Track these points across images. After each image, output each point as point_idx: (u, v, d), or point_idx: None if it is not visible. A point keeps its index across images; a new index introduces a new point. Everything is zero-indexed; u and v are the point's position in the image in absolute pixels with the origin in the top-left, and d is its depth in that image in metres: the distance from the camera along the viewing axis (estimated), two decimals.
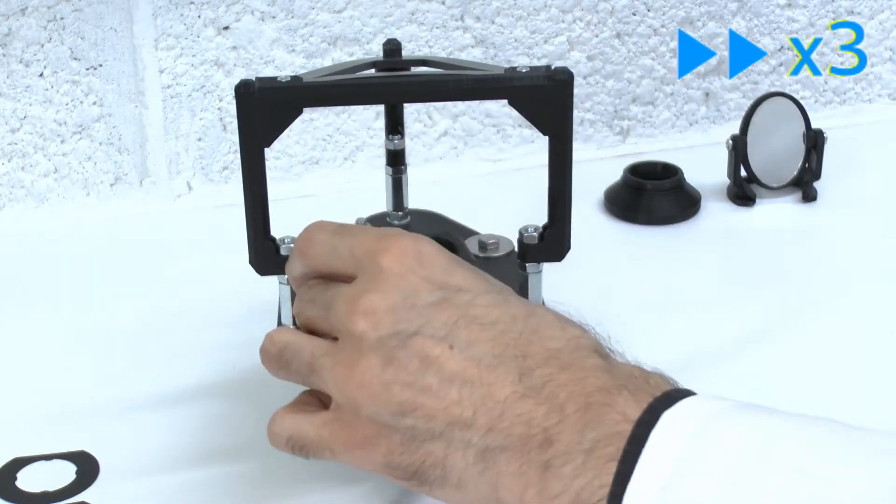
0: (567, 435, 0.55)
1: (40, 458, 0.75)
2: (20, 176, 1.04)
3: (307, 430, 0.63)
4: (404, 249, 0.61)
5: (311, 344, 0.63)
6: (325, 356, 0.62)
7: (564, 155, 0.69)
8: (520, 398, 0.57)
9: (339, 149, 1.09)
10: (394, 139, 0.84)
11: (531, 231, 0.71)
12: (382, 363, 0.59)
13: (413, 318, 0.59)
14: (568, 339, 0.59)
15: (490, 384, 0.58)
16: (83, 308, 0.92)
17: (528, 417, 0.56)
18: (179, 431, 0.78)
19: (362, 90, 0.70)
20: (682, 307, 0.90)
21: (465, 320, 0.59)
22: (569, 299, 0.73)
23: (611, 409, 0.55)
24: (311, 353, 0.63)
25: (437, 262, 0.61)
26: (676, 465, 0.52)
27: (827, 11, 1.14)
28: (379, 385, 0.59)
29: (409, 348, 0.59)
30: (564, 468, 0.55)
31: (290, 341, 0.64)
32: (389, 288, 0.60)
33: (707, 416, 0.54)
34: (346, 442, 0.61)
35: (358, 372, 0.60)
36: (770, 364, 0.84)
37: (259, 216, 0.70)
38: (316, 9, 1.05)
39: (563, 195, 0.70)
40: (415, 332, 0.59)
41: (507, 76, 0.69)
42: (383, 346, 0.59)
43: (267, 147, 0.69)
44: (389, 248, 0.61)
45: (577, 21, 1.10)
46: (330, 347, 0.62)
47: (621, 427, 0.54)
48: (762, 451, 0.52)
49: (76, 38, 1.01)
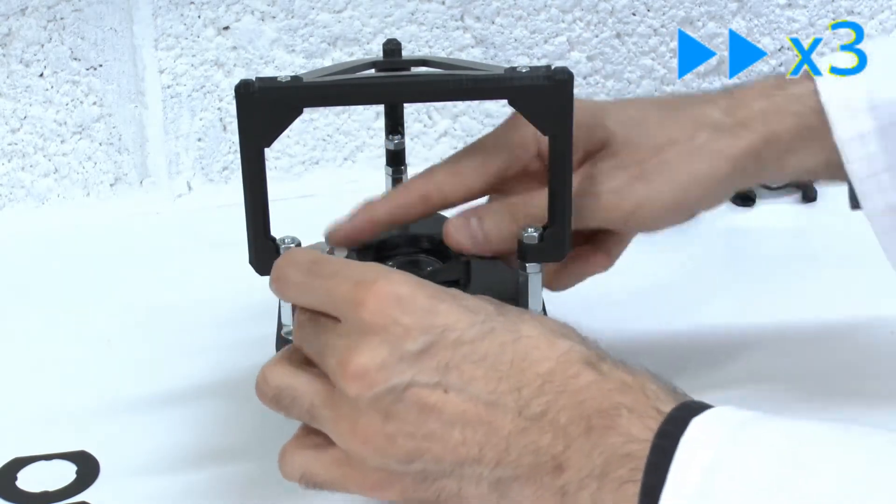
0: (576, 460, 0.56)
1: (40, 458, 0.75)
2: (20, 176, 1.04)
3: (318, 471, 0.63)
4: (383, 298, 0.60)
5: (309, 391, 0.62)
6: (324, 408, 0.61)
7: (565, 155, 0.69)
8: (522, 431, 0.57)
9: (339, 149, 1.09)
10: (394, 139, 0.84)
11: (531, 231, 0.70)
12: (382, 419, 0.59)
13: (404, 370, 0.59)
14: (558, 358, 0.59)
15: (491, 421, 0.58)
16: (83, 308, 0.92)
17: (534, 447, 0.57)
18: (179, 431, 0.78)
19: (362, 90, 0.70)
20: (682, 307, 0.90)
21: (455, 361, 0.59)
22: (568, 300, 0.73)
23: (613, 432, 0.55)
24: (311, 403, 0.62)
25: (417, 305, 0.60)
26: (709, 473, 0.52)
27: (827, 11, 1.14)
28: (382, 439, 0.59)
29: (406, 401, 0.59)
30: (581, 494, 0.56)
31: (286, 386, 0.63)
32: (375, 343, 0.59)
33: (740, 422, 0.54)
34: (359, 484, 0.62)
35: (360, 429, 0.60)
36: (770, 364, 0.84)
37: (259, 216, 0.70)
38: (316, 9, 1.05)
39: (563, 195, 0.70)
40: (408, 385, 0.59)
41: (507, 76, 0.68)
42: (380, 403, 0.59)
43: (267, 147, 0.69)
44: (367, 300, 0.60)
45: (577, 21, 1.10)
46: (328, 398, 0.61)
47: (628, 448, 0.55)
48: (799, 457, 0.52)
49: (76, 38, 1.01)
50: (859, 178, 0.74)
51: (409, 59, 0.80)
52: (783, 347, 0.85)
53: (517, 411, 0.58)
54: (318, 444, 0.63)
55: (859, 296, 0.91)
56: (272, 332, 0.75)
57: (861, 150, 0.74)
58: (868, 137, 0.74)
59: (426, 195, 0.74)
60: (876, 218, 0.75)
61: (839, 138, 0.74)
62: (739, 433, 0.54)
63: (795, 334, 0.87)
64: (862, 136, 0.74)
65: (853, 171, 0.74)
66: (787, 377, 0.82)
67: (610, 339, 0.63)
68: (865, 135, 0.74)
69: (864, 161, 0.74)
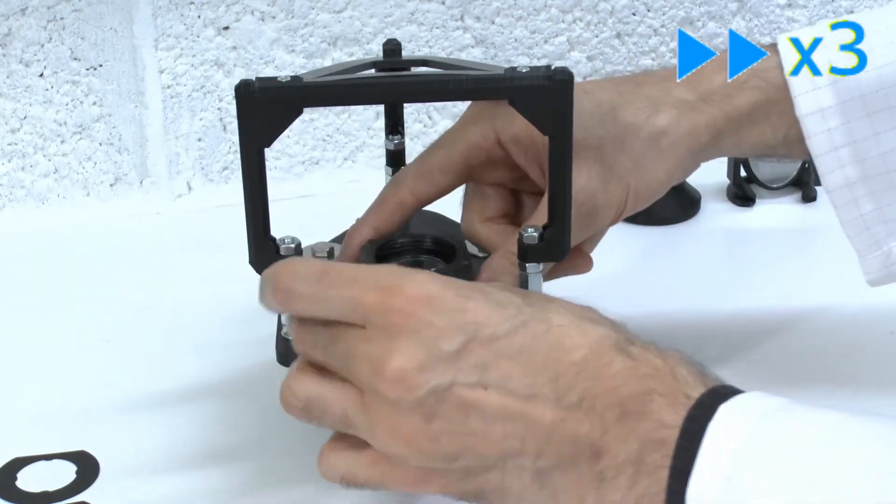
0: (613, 446, 0.57)
1: (40, 458, 0.75)
2: (20, 176, 1.04)
3: (357, 471, 0.63)
4: (413, 300, 0.60)
5: (339, 398, 0.62)
6: (359, 413, 0.61)
7: (564, 155, 0.69)
8: (561, 421, 0.58)
9: (339, 149, 1.09)
10: (394, 139, 0.84)
11: (531, 231, 0.71)
12: (424, 419, 0.59)
13: (444, 371, 0.59)
14: (591, 346, 0.59)
15: (530, 414, 0.58)
16: (83, 308, 0.92)
17: (573, 436, 0.58)
18: (179, 431, 0.78)
19: (363, 90, 0.70)
20: (682, 307, 0.90)
21: (491, 357, 0.59)
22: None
23: (646, 418, 0.56)
24: (343, 410, 0.62)
25: (447, 304, 0.60)
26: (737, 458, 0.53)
27: (827, 11, 1.14)
28: (426, 440, 0.60)
29: (448, 401, 0.59)
30: (619, 479, 0.56)
31: (315, 395, 0.63)
32: (411, 345, 0.59)
33: (767, 410, 0.55)
34: (400, 482, 0.62)
35: (402, 432, 0.60)
36: (770, 364, 0.84)
37: (259, 216, 0.70)
38: (316, 9, 1.05)
39: (563, 195, 0.70)
40: (449, 385, 0.59)
41: (508, 76, 0.69)
42: (422, 405, 0.59)
43: (267, 147, 0.69)
44: (396, 304, 0.60)
45: (577, 21, 1.10)
46: (361, 403, 0.61)
47: (661, 434, 0.55)
48: (827, 446, 0.53)
49: (76, 38, 1.01)
50: (819, 153, 0.75)
51: (409, 59, 0.80)
52: (783, 347, 0.85)
53: (555, 401, 0.58)
54: (355, 445, 0.63)
55: (859, 295, 0.91)
56: (271, 332, 0.75)
57: (822, 124, 0.75)
58: (829, 112, 0.75)
59: (402, 202, 0.76)
60: (834, 192, 0.77)
61: (800, 113, 0.75)
62: (767, 421, 0.54)
63: (795, 334, 0.87)
64: (823, 110, 0.75)
65: (813, 146, 0.75)
66: (786, 377, 0.82)
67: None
68: (826, 109, 0.75)
69: (824, 136, 0.75)
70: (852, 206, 0.77)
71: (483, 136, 0.75)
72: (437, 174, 0.76)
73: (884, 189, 0.76)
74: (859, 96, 0.74)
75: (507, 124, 0.74)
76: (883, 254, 0.78)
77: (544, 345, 0.59)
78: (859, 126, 0.75)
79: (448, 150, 0.76)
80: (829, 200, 0.77)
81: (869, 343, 0.86)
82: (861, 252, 0.78)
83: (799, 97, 0.75)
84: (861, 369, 0.83)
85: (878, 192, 0.76)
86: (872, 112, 0.75)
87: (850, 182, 0.76)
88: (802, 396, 0.63)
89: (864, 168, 0.75)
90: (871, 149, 0.75)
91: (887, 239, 0.77)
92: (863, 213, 0.77)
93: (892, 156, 0.75)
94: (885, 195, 0.76)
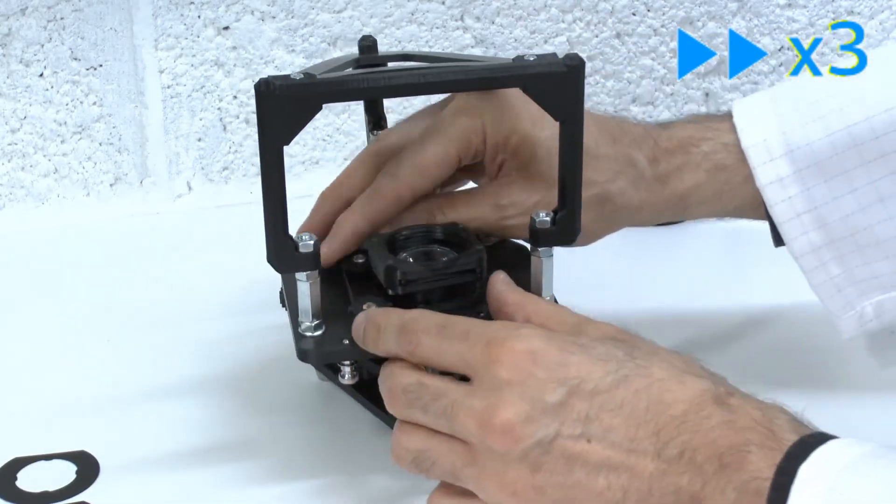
0: (712, 497, 0.58)
1: (40, 458, 0.75)
2: (20, 176, 1.04)
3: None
4: (518, 355, 0.62)
5: (447, 451, 0.64)
6: (467, 466, 0.63)
7: (575, 139, 0.70)
8: (662, 473, 0.60)
9: (339, 149, 1.10)
10: (377, 134, 0.84)
11: (543, 216, 0.71)
12: (531, 471, 0.61)
13: (549, 423, 0.61)
14: (691, 400, 0.61)
15: (632, 466, 0.60)
16: (83, 308, 0.92)
17: (674, 487, 0.59)
18: (179, 431, 0.78)
19: (381, 84, 0.70)
20: (681, 308, 0.90)
21: (594, 410, 0.61)
22: (568, 300, 0.74)
23: (743, 469, 0.58)
24: (453, 464, 0.64)
25: (550, 359, 0.62)
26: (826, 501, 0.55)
27: (827, 11, 1.14)
28: (532, 491, 0.61)
29: (553, 452, 0.61)
30: None
31: (424, 449, 0.65)
32: (515, 398, 0.61)
33: (849, 461, 0.56)
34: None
35: (508, 483, 0.62)
36: (770, 364, 0.84)
37: (279, 214, 0.70)
38: (316, 9, 1.05)
39: (574, 180, 0.71)
40: (555, 436, 0.61)
41: (519, 64, 0.69)
42: (528, 457, 0.61)
43: (286, 145, 0.69)
44: (502, 359, 0.62)
45: (577, 21, 1.10)
46: (468, 456, 0.63)
47: (756, 485, 0.57)
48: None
49: (76, 38, 1.01)
50: (782, 221, 0.78)
51: (388, 55, 0.80)
52: (783, 347, 0.85)
53: (656, 454, 0.60)
54: (462, 493, 0.65)
55: None
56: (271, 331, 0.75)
57: (782, 193, 0.77)
58: (787, 181, 0.77)
59: (399, 196, 0.77)
60: (802, 258, 0.78)
61: (760, 183, 0.77)
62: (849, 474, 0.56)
63: (795, 334, 0.87)
64: (781, 179, 0.77)
65: (776, 214, 0.78)
66: (786, 377, 0.82)
67: None
68: (784, 178, 0.77)
69: (785, 204, 0.77)
70: (821, 271, 0.78)
71: (473, 129, 0.77)
72: (433, 168, 0.77)
73: (850, 252, 0.77)
74: (815, 163, 0.76)
75: (495, 119, 0.76)
76: (857, 314, 0.80)
77: (645, 399, 0.61)
78: (818, 192, 0.76)
79: (444, 145, 0.77)
80: (798, 266, 0.79)
81: (868, 343, 0.86)
82: (835, 313, 0.80)
83: (758, 168, 0.77)
84: (861, 370, 0.83)
85: (845, 256, 0.78)
86: (829, 178, 0.76)
87: (815, 247, 0.78)
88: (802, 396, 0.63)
89: (828, 232, 0.77)
90: (833, 213, 0.77)
91: (860, 299, 0.79)
92: (832, 276, 0.78)
93: (853, 219, 0.77)
94: (852, 258, 0.78)
